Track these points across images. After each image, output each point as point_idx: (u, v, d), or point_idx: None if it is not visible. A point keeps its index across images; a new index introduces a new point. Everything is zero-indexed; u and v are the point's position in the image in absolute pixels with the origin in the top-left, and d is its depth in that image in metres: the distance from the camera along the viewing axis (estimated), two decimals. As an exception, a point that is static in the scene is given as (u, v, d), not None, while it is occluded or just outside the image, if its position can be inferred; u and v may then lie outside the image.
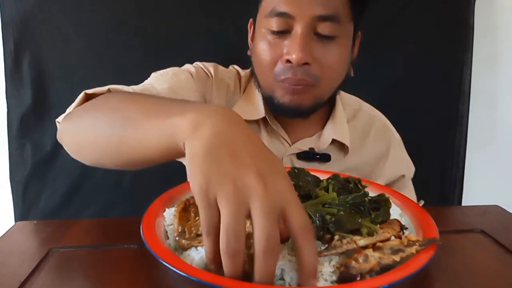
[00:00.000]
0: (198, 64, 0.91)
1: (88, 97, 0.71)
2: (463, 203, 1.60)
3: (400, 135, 1.05)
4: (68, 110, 0.72)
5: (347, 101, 0.95)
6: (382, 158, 0.93)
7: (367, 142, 0.93)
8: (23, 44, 1.31)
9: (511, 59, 1.58)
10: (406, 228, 0.55)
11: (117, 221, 0.69)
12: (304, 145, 0.86)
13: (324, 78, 0.76)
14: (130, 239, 0.60)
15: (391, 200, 0.59)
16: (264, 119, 0.86)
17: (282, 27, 0.74)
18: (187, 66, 0.89)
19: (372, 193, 0.62)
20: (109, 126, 0.59)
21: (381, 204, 0.57)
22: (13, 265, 0.55)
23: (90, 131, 0.62)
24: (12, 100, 1.34)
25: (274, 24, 0.74)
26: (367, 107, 0.99)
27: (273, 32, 0.75)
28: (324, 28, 0.73)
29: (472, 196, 1.60)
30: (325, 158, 0.86)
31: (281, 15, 0.73)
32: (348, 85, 1.04)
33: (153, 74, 0.86)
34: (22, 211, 1.39)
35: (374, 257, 0.46)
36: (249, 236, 0.41)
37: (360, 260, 0.46)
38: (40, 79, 1.34)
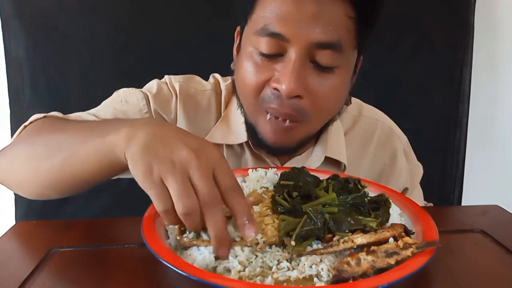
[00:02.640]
0: (165, 79, 0.82)
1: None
2: (463, 203, 1.60)
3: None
4: (12, 139, 0.71)
5: (344, 108, 0.81)
6: (386, 170, 0.85)
7: (368, 154, 0.84)
8: (23, 43, 1.31)
9: (511, 59, 1.58)
10: (413, 233, 0.54)
11: (117, 221, 0.69)
12: (295, 164, 0.75)
13: (315, 113, 0.66)
14: (130, 239, 0.61)
15: (391, 200, 0.59)
16: (247, 142, 0.77)
17: (274, 50, 0.62)
18: (151, 83, 0.82)
19: (372, 193, 0.62)
20: (47, 158, 0.59)
21: (381, 204, 0.57)
22: (13, 265, 0.55)
23: (27, 167, 0.62)
24: (15, 101, 1.34)
25: (265, 45, 0.62)
26: (369, 111, 0.88)
27: (262, 54, 0.64)
28: (323, 58, 0.62)
29: (472, 196, 1.60)
30: None
31: (274, 35, 0.61)
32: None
33: (113, 94, 0.82)
34: (22, 211, 1.39)
35: (367, 260, 0.46)
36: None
37: (352, 263, 0.46)
38: (41, 80, 1.34)
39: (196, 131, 0.77)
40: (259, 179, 0.67)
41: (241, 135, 0.76)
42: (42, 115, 0.71)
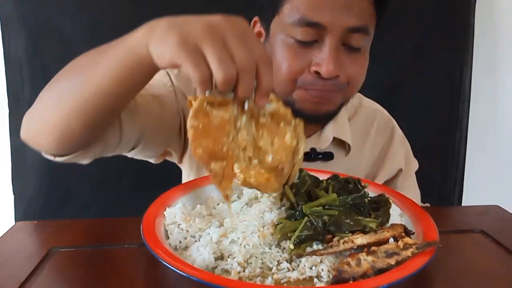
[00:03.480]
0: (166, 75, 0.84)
1: None
2: (463, 203, 1.60)
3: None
4: None
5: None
6: (382, 154, 0.93)
7: (369, 139, 0.92)
8: (23, 44, 1.31)
9: (511, 59, 1.58)
10: (413, 233, 0.54)
11: (117, 221, 0.69)
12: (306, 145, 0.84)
13: (350, 86, 0.75)
14: (130, 239, 0.61)
15: (391, 200, 0.59)
16: None
17: (311, 37, 0.69)
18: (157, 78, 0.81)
19: (372, 193, 0.62)
20: (68, 84, 0.58)
21: (381, 204, 0.57)
22: (13, 265, 0.55)
23: (50, 103, 0.60)
24: (14, 101, 1.34)
25: (301, 33, 0.69)
26: (368, 102, 0.97)
27: (299, 41, 0.70)
28: (354, 40, 0.70)
29: (472, 196, 1.60)
30: (328, 156, 0.85)
31: (312, 25, 0.68)
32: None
33: None
34: (22, 211, 1.39)
35: (367, 261, 0.46)
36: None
37: (353, 264, 0.46)
38: (41, 80, 1.34)
39: None
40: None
41: None
42: None
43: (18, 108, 1.35)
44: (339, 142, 0.87)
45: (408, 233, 0.52)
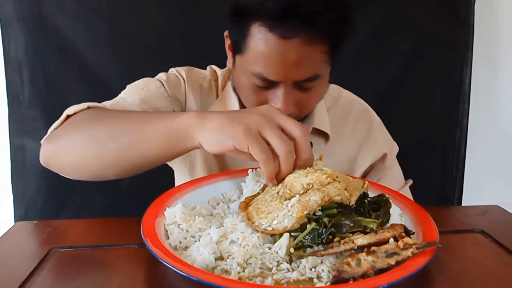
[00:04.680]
0: (172, 70, 0.93)
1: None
2: (463, 203, 1.60)
3: (400, 135, 1.04)
4: (49, 131, 0.75)
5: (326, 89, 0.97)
6: (365, 141, 0.96)
7: (347, 126, 0.96)
8: (22, 44, 1.31)
9: (511, 59, 1.58)
10: (413, 233, 0.54)
11: (117, 221, 0.69)
12: None
13: (308, 109, 0.82)
14: (130, 239, 0.61)
15: (391, 201, 0.59)
16: None
17: (267, 85, 0.75)
18: (159, 75, 0.92)
19: (372, 193, 0.62)
20: (112, 140, 0.65)
21: (381, 205, 0.57)
22: (13, 265, 0.55)
23: (88, 149, 0.67)
24: (13, 101, 1.34)
25: (259, 83, 0.75)
26: (347, 93, 1.02)
27: (257, 85, 0.76)
28: (305, 85, 0.75)
29: (472, 196, 1.60)
30: None
31: (266, 80, 0.74)
32: (349, 85, 1.04)
33: (127, 86, 0.89)
34: (22, 211, 1.39)
35: (367, 260, 0.46)
36: None
37: (353, 264, 0.46)
38: (41, 80, 1.34)
39: (201, 108, 0.90)
40: (258, 179, 0.67)
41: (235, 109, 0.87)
42: (85, 105, 0.75)
43: (18, 108, 1.35)
44: (318, 132, 0.91)
45: (408, 233, 0.52)
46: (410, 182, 0.97)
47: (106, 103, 0.81)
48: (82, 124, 0.71)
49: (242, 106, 0.85)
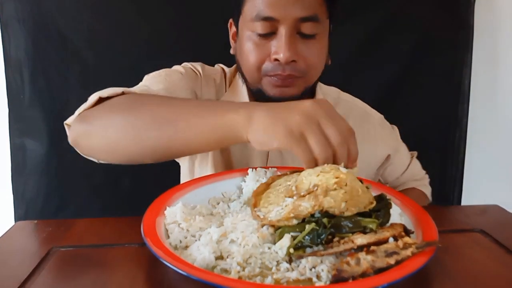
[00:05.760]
0: (186, 64, 0.95)
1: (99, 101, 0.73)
2: (463, 203, 1.60)
3: (400, 135, 1.05)
4: (77, 112, 0.73)
5: (326, 92, 1.00)
6: (365, 142, 0.95)
7: None
8: (22, 44, 1.31)
9: (511, 59, 1.58)
10: (412, 232, 0.54)
11: (117, 221, 0.69)
12: None
13: (309, 70, 0.83)
14: (130, 238, 0.61)
15: (391, 201, 0.59)
16: None
17: (268, 29, 0.78)
18: (176, 67, 0.94)
19: (372, 193, 0.62)
20: (155, 127, 0.65)
21: (381, 205, 0.57)
22: (13, 265, 0.55)
23: (127, 132, 0.67)
24: (13, 101, 1.34)
25: (260, 27, 0.78)
26: (346, 96, 1.04)
27: (259, 35, 0.79)
28: (306, 28, 0.78)
29: (471, 196, 1.60)
30: None
31: (266, 19, 0.77)
32: (349, 84, 1.04)
33: (146, 76, 0.89)
34: (22, 211, 1.39)
35: (366, 260, 0.46)
36: None
37: (352, 263, 0.46)
38: (41, 80, 1.34)
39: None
40: (258, 178, 0.68)
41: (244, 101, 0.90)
42: (120, 89, 0.73)
43: (18, 108, 1.35)
44: None
45: (408, 232, 0.52)
46: (415, 153, 1.04)
47: (135, 89, 0.80)
48: (122, 107, 0.70)
49: (250, 94, 0.89)
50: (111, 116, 0.69)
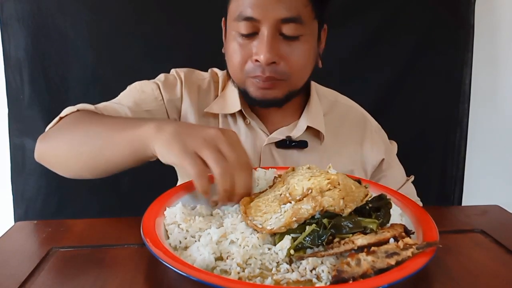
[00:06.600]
0: (172, 71, 0.96)
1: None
2: (463, 203, 1.60)
3: (400, 135, 1.04)
4: (46, 129, 0.81)
5: (323, 94, 0.99)
6: (359, 145, 0.96)
7: (343, 129, 0.96)
8: (22, 44, 1.31)
9: (511, 59, 1.58)
10: (413, 233, 0.54)
11: (117, 221, 0.69)
12: (281, 134, 0.90)
13: (292, 73, 0.81)
14: (130, 239, 0.61)
15: (391, 201, 0.59)
16: (240, 112, 0.90)
17: (250, 30, 0.78)
18: (159, 76, 0.95)
19: (372, 193, 0.62)
20: (85, 144, 0.72)
21: (381, 205, 0.57)
22: (13, 265, 0.55)
23: (68, 150, 0.74)
24: (13, 101, 1.34)
25: (242, 27, 0.78)
26: (344, 99, 1.03)
27: (242, 35, 0.79)
28: (288, 29, 0.77)
29: (472, 196, 1.60)
30: (302, 144, 0.90)
31: (248, 19, 0.77)
32: (349, 84, 1.04)
33: (127, 87, 0.93)
34: (21, 211, 1.39)
35: (367, 260, 0.46)
36: None
37: (352, 264, 0.46)
38: (41, 80, 1.34)
39: (198, 108, 0.92)
40: (258, 179, 0.67)
41: (235, 106, 0.90)
42: (75, 108, 0.81)
43: (18, 108, 1.35)
44: (314, 133, 0.92)
45: (408, 233, 0.52)
46: (412, 178, 0.99)
47: (99, 105, 0.85)
48: (68, 126, 0.78)
49: (242, 99, 0.89)
50: (59, 135, 0.77)
